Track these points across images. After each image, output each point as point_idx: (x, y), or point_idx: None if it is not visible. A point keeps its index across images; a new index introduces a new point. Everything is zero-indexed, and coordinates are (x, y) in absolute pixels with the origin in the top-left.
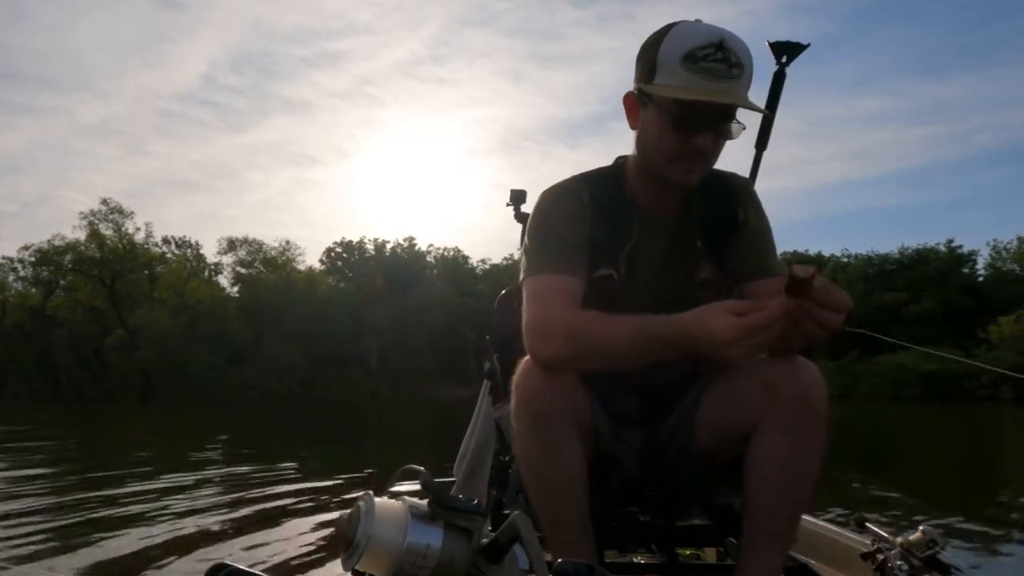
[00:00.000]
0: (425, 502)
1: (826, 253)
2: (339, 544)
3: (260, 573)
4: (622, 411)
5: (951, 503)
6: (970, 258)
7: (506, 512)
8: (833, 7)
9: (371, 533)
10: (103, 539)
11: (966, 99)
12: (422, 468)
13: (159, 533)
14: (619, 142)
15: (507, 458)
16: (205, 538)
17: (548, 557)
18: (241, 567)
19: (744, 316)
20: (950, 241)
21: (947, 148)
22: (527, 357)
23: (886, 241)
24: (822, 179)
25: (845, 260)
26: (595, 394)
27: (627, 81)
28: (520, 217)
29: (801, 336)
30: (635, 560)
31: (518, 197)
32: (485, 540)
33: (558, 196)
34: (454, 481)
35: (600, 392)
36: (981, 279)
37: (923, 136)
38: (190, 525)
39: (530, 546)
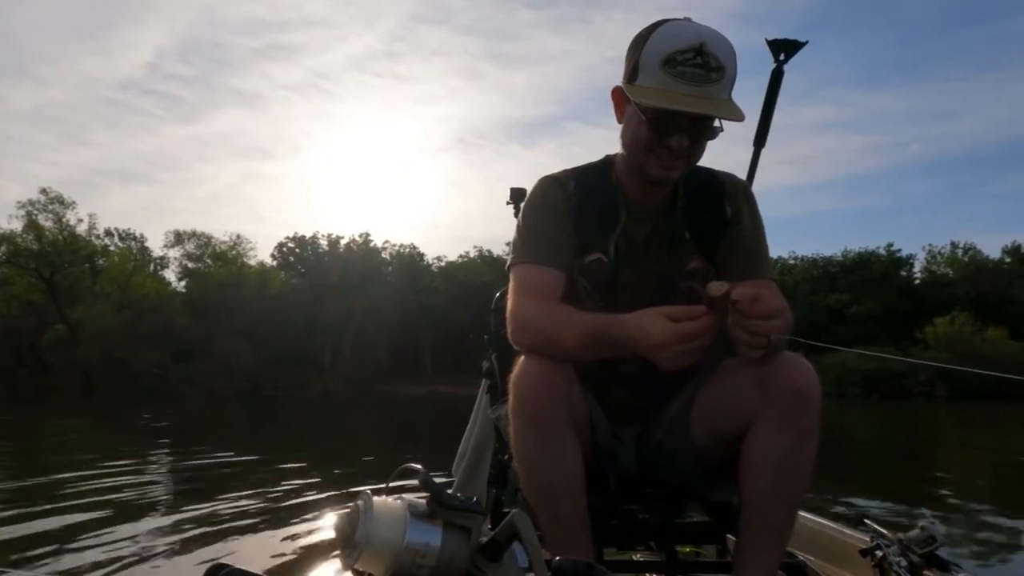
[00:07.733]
0: (424, 501)
1: (774, 255)
2: (338, 543)
3: (259, 573)
4: (618, 408)
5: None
6: (908, 262)
7: (505, 511)
8: (783, 18)
9: (370, 532)
10: (91, 540)
11: (902, 110)
12: (420, 467)
13: (143, 535)
14: (575, 143)
15: (506, 457)
16: (194, 538)
17: (547, 555)
18: (240, 567)
19: (679, 323)
20: (890, 245)
21: (885, 157)
22: (523, 356)
23: (831, 244)
24: (771, 183)
25: (792, 262)
26: (591, 390)
27: (584, 83)
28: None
29: (744, 344)
30: (634, 558)
31: (518, 195)
32: (484, 539)
33: (544, 187)
34: (453, 480)
35: (596, 388)
36: (918, 282)
37: (863, 145)
38: (177, 525)
39: (529, 544)
